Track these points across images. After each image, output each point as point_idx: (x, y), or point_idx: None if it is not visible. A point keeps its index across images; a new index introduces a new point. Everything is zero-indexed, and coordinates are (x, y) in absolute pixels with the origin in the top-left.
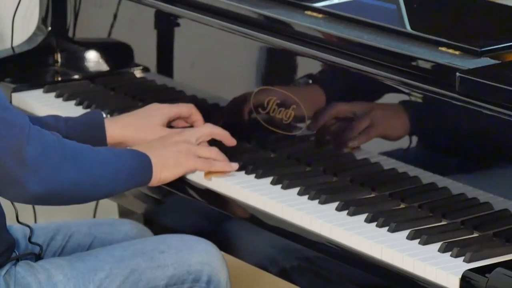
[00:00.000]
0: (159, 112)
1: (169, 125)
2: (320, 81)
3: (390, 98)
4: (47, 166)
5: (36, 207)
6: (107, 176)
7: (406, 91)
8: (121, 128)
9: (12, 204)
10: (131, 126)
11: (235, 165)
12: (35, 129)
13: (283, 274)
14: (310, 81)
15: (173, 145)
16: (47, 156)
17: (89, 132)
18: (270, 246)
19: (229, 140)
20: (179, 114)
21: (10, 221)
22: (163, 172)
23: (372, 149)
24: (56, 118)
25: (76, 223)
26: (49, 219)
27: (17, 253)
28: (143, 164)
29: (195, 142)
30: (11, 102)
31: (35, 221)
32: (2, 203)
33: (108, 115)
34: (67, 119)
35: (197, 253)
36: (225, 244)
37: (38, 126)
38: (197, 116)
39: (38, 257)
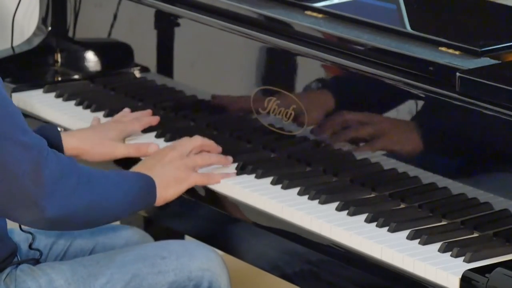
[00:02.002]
0: (115, 128)
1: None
2: (320, 81)
3: (390, 98)
4: (64, 189)
5: None
6: (117, 199)
7: (406, 91)
8: (77, 142)
9: None
10: (88, 140)
11: (233, 173)
12: (52, 152)
13: (283, 274)
14: (310, 81)
15: (171, 163)
16: (64, 180)
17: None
18: (270, 246)
19: (216, 151)
20: (136, 132)
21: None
22: (167, 191)
23: (372, 149)
24: None
25: None
26: None
27: (19, 258)
28: (148, 186)
29: (188, 154)
30: None
31: None
32: None
33: (63, 129)
34: None
35: (198, 259)
36: (225, 245)
37: None
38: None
39: (38, 261)
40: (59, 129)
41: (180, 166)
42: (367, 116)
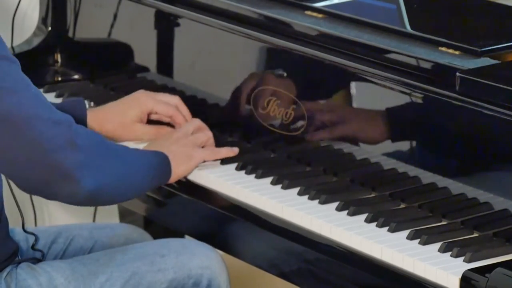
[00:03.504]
0: (137, 106)
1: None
2: (320, 81)
3: (390, 98)
4: (97, 160)
5: (37, 210)
6: (141, 173)
7: (406, 91)
8: (100, 124)
9: (20, 212)
10: (110, 123)
11: (236, 149)
12: (79, 127)
13: (283, 274)
14: (310, 81)
15: (178, 141)
16: (96, 150)
17: None
18: (270, 246)
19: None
20: (156, 112)
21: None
22: (180, 167)
23: (372, 149)
24: None
25: (77, 226)
26: (49, 223)
27: (20, 257)
28: (164, 162)
29: (191, 134)
30: None
31: (35, 225)
32: (7, 209)
33: (92, 103)
34: None
35: (198, 257)
36: (225, 244)
37: None
38: (178, 118)
39: (38, 260)
40: (87, 105)
41: (186, 143)
42: (366, 116)
